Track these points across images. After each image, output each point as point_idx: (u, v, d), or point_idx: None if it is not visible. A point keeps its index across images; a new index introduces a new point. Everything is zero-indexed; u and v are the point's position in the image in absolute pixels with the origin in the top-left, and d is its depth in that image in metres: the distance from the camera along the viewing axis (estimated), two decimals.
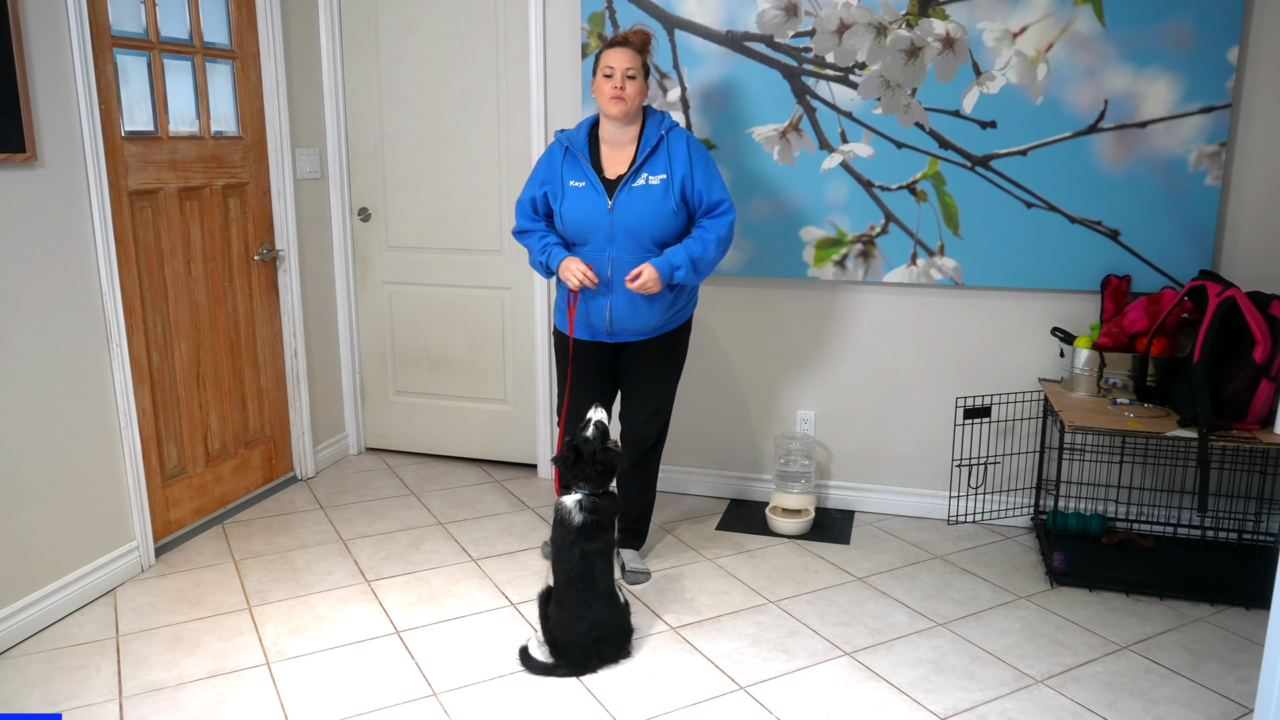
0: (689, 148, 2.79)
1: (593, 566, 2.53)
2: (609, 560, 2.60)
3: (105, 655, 2.61)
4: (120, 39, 2.99)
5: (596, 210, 2.77)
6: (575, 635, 2.50)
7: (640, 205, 2.75)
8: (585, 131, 2.86)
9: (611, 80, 2.74)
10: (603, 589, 2.55)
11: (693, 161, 2.78)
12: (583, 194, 2.79)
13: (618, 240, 2.77)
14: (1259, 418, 2.80)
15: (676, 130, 2.82)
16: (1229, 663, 2.58)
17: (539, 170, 2.90)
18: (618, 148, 2.83)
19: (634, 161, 2.78)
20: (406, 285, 4.07)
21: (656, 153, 2.78)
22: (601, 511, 2.59)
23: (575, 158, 2.83)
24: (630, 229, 2.76)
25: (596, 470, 2.59)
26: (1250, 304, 2.80)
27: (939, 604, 2.91)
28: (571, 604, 2.52)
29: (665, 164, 2.77)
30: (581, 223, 2.80)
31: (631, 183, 2.76)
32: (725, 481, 3.77)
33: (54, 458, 2.78)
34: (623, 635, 2.61)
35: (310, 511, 3.61)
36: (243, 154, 3.54)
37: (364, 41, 3.89)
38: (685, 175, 2.77)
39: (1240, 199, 3.12)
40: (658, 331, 2.90)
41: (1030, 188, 3.23)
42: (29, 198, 2.67)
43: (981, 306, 3.39)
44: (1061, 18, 3.10)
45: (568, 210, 2.81)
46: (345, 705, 2.38)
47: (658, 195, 2.75)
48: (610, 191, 2.77)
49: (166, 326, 3.24)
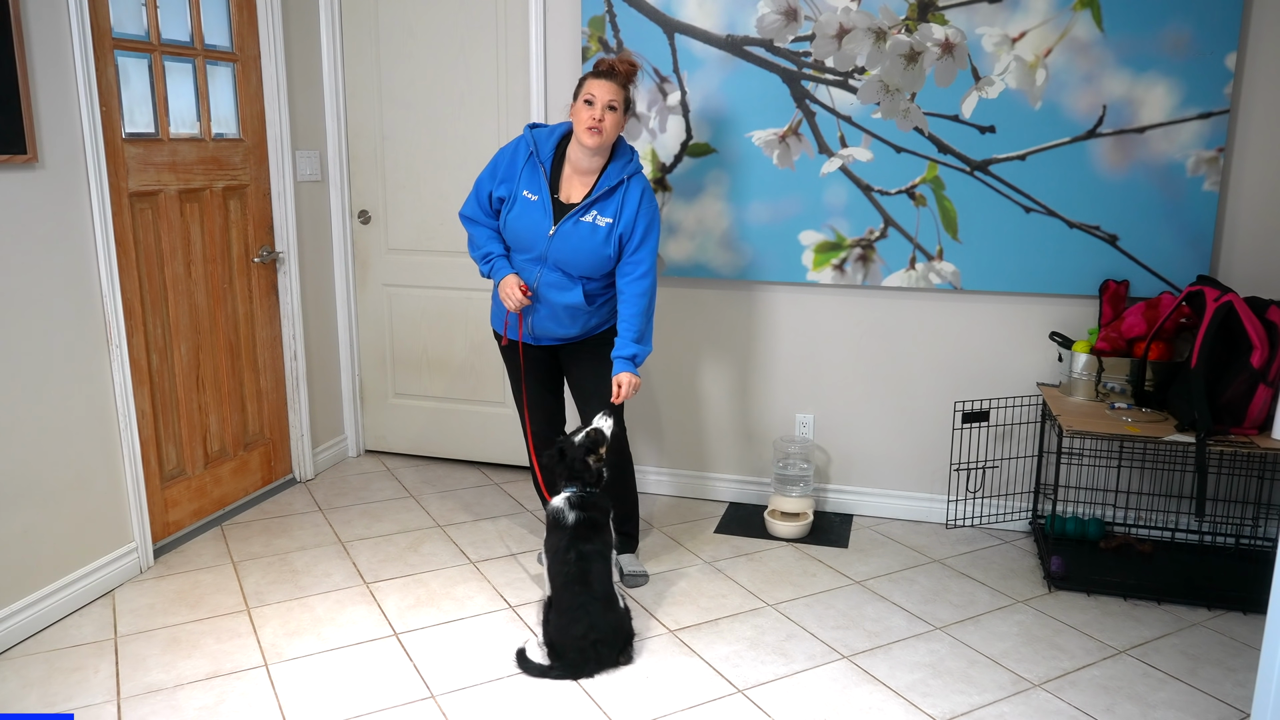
0: (641, 200, 2.79)
1: (590, 569, 2.53)
2: (607, 562, 2.60)
3: (104, 656, 2.61)
4: (121, 41, 3.00)
5: (538, 231, 2.80)
6: (572, 639, 2.50)
7: (579, 242, 2.77)
8: (554, 144, 2.85)
9: (591, 110, 2.71)
10: (600, 592, 2.55)
11: (638, 217, 2.78)
12: (531, 210, 2.80)
13: (548, 264, 2.81)
14: (1256, 422, 2.81)
15: (638, 178, 2.82)
16: (1226, 667, 2.59)
17: (501, 164, 2.87)
18: (579, 173, 2.82)
19: (590, 194, 2.78)
20: (406, 288, 4.07)
21: (613, 194, 2.79)
22: (594, 508, 2.60)
23: (536, 168, 2.82)
24: (563, 260, 2.79)
25: (579, 468, 2.63)
26: (1248, 309, 2.80)
27: (937, 608, 2.92)
28: (569, 607, 2.52)
29: (616, 208, 2.78)
30: (521, 236, 2.83)
31: (580, 216, 2.77)
32: (723, 485, 3.77)
33: (53, 459, 2.78)
34: (622, 639, 2.60)
35: (309, 514, 3.61)
36: (243, 156, 3.54)
37: (365, 44, 3.89)
38: (628, 227, 2.78)
39: (1238, 204, 3.13)
40: (583, 336, 2.95)
41: (1029, 192, 3.24)
42: (30, 199, 2.67)
43: (980, 311, 3.40)
44: (1060, 23, 3.11)
45: (513, 220, 2.83)
46: (343, 707, 2.38)
47: (600, 238, 2.77)
48: (558, 216, 2.78)
49: (166, 328, 3.24)
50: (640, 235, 2.79)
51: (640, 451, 3.72)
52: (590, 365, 2.95)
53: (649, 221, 2.81)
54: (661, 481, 3.84)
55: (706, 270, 3.58)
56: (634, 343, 2.80)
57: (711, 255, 3.56)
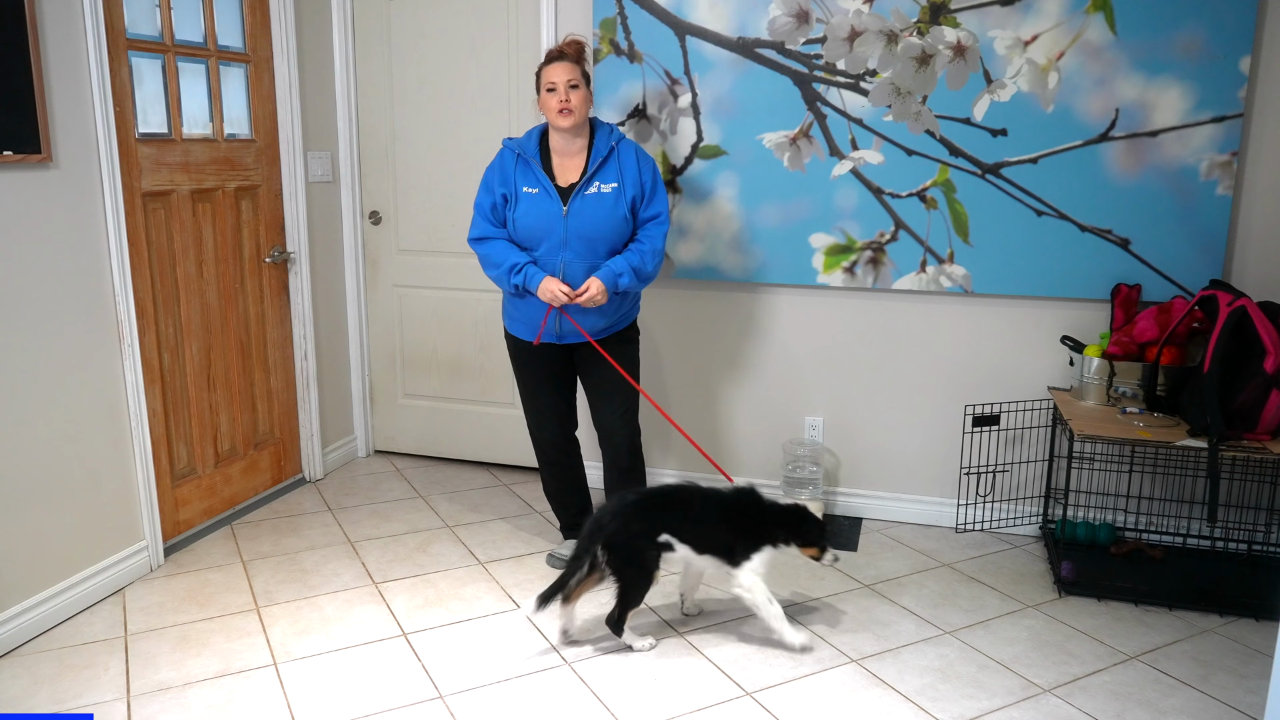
0: (638, 158, 2.93)
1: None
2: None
3: (114, 654, 2.62)
4: (135, 42, 3.02)
5: (551, 215, 2.84)
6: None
7: (593, 212, 2.85)
8: (536, 140, 2.93)
9: (556, 94, 2.83)
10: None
11: (641, 171, 2.91)
12: (536, 200, 2.86)
13: (571, 245, 2.85)
14: (1269, 428, 2.79)
15: (625, 142, 2.94)
16: (1238, 674, 2.57)
17: (492, 177, 2.94)
18: (567, 157, 2.91)
19: (585, 170, 2.87)
20: (416, 288, 4.08)
21: (608, 162, 2.88)
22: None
23: (528, 164, 2.89)
24: (584, 234, 2.85)
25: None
26: (1262, 314, 2.79)
27: (946, 612, 2.91)
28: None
29: (616, 173, 2.88)
30: (534, 228, 2.86)
31: (584, 190, 2.86)
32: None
33: (65, 457, 2.80)
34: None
35: (318, 513, 3.62)
36: (255, 156, 3.56)
37: (376, 45, 3.91)
38: (636, 185, 2.89)
39: (1251, 209, 3.11)
40: (605, 333, 2.98)
41: (1041, 196, 3.23)
42: (44, 198, 2.69)
43: (991, 314, 3.39)
44: (1073, 26, 3.10)
45: (521, 215, 2.87)
46: (351, 706, 2.38)
47: (610, 203, 2.86)
48: (564, 198, 2.85)
49: (178, 327, 3.25)
50: (650, 187, 2.92)
51: (651, 454, 3.72)
52: (607, 365, 2.97)
53: (652, 172, 2.95)
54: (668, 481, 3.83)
55: (716, 273, 3.58)
56: (627, 265, 2.86)
57: (722, 257, 3.56)
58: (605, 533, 2.53)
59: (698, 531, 2.59)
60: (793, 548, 2.66)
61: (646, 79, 3.50)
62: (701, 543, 2.60)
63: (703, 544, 2.60)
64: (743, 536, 2.61)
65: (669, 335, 3.71)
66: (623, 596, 2.58)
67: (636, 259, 2.89)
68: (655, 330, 3.68)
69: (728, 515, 2.62)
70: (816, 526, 2.67)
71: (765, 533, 2.62)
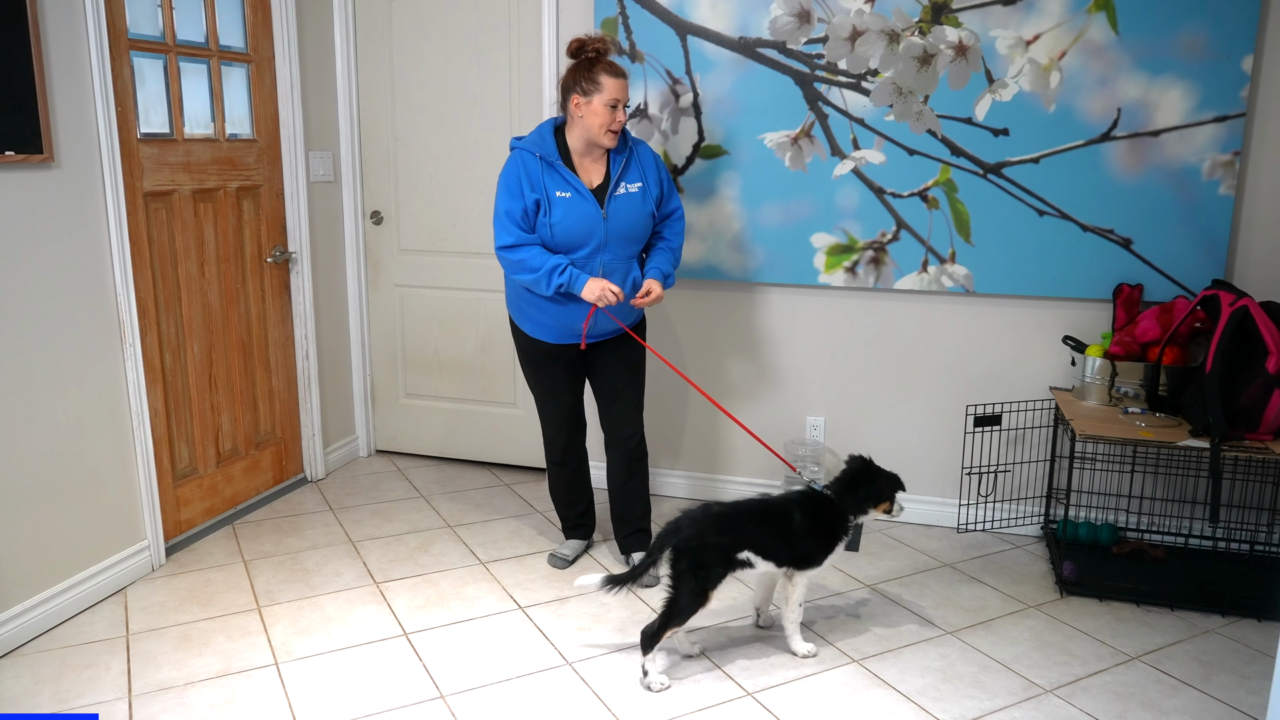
0: (654, 158, 2.98)
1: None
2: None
3: (115, 654, 2.62)
4: (137, 41, 3.02)
5: (591, 218, 2.83)
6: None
7: (630, 212, 2.89)
8: (552, 140, 2.87)
9: (615, 113, 2.81)
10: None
11: (660, 172, 2.97)
12: (572, 204, 2.82)
13: (610, 247, 2.86)
14: (1272, 428, 2.79)
15: (638, 141, 2.99)
16: (1240, 675, 2.57)
17: (516, 183, 2.83)
18: (588, 158, 2.91)
19: (608, 173, 2.89)
20: (418, 288, 4.08)
21: (630, 162, 2.91)
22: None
23: (552, 167, 2.83)
24: (623, 235, 2.88)
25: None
26: (1264, 314, 2.78)
27: (948, 612, 2.91)
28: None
29: (639, 173, 2.92)
30: (574, 231, 2.83)
31: (616, 190, 2.87)
32: (735, 486, 3.76)
33: (66, 457, 2.80)
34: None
35: (320, 513, 3.62)
36: (257, 156, 3.56)
37: (378, 45, 3.91)
38: (658, 185, 2.96)
39: (1254, 208, 3.10)
40: (619, 331, 3.00)
41: (1042, 195, 3.23)
42: (45, 198, 2.69)
43: (992, 314, 3.39)
44: (1075, 26, 3.09)
45: (559, 221, 2.82)
46: (353, 706, 2.39)
47: (638, 202, 2.90)
48: (599, 200, 2.85)
49: (179, 327, 3.25)
50: (667, 184, 3.00)
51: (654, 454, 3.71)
52: (620, 364, 3.02)
53: (665, 169, 3.03)
54: (674, 483, 3.84)
55: (718, 272, 3.58)
56: (669, 266, 2.99)
57: (723, 257, 3.56)
58: (679, 537, 2.46)
59: (782, 546, 2.55)
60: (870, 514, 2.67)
61: (648, 79, 3.50)
62: (784, 556, 2.56)
63: (784, 557, 2.57)
64: (824, 541, 2.60)
65: (670, 335, 3.71)
66: (670, 607, 2.44)
67: (671, 257, 3.00)
68: (657, 330, 3.68)
69: (807, 522, 2.58)
70: (888, 482, 2.69)
71: (841, 528, 2.62)
